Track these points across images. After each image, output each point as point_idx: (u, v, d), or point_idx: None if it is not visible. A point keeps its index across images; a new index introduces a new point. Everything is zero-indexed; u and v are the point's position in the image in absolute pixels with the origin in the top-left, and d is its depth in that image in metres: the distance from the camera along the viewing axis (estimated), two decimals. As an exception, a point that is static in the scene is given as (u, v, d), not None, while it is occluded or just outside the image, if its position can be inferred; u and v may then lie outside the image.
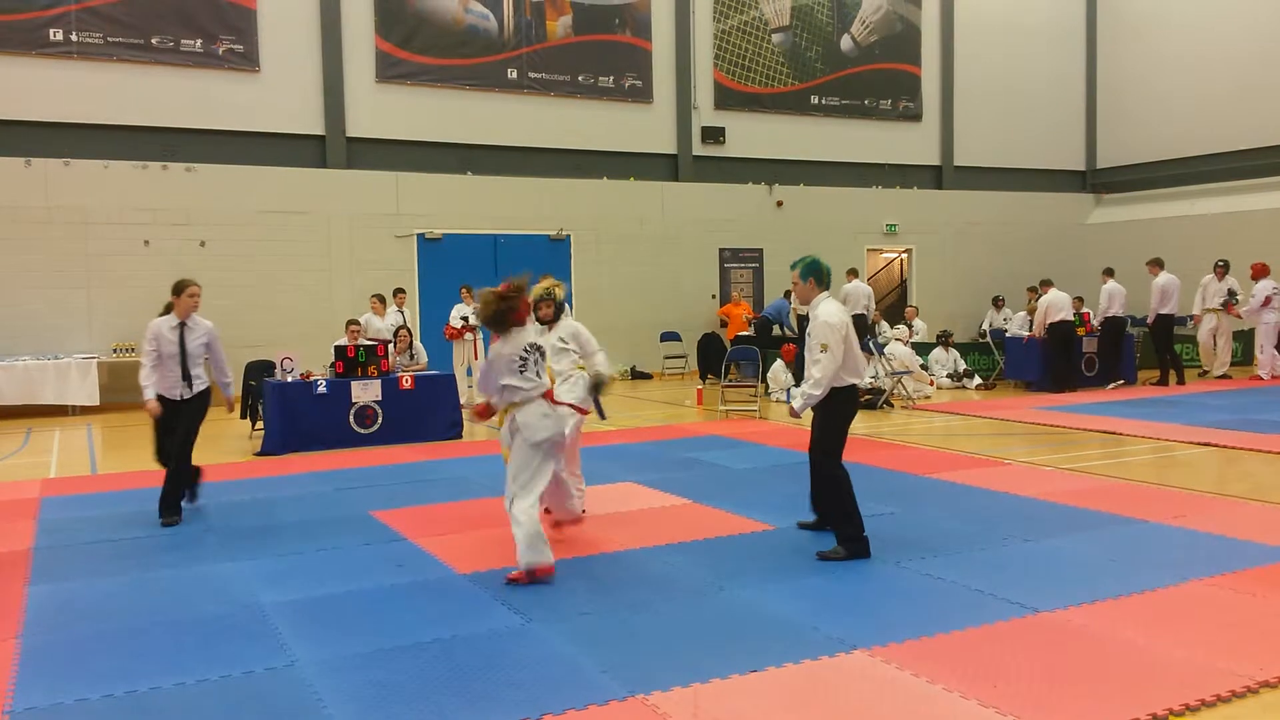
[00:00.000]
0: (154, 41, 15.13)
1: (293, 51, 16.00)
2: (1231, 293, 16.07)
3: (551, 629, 4.77)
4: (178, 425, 7.24)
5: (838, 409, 5.96)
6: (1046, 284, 15.17)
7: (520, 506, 5.55)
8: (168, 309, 7.32)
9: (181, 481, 7.38)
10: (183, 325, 7.24)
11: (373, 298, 13.70)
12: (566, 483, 6.26)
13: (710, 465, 9.24)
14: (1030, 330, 15.76)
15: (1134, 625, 4.67)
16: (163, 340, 7.17)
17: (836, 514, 5.99)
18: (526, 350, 5.68)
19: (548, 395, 5.79)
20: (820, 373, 5.76)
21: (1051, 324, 14.67)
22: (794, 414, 6.05)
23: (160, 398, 7.17)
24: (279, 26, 15.88)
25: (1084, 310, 16.30)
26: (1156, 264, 15.77)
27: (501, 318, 5.61)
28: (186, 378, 7.22)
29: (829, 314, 5.86)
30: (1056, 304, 14.75)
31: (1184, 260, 17.48)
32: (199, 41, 15.39)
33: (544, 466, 5.67)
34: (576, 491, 6.61)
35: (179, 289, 7.26)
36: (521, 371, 5.66)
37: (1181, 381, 15.15)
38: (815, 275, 6.06)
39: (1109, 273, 15.61)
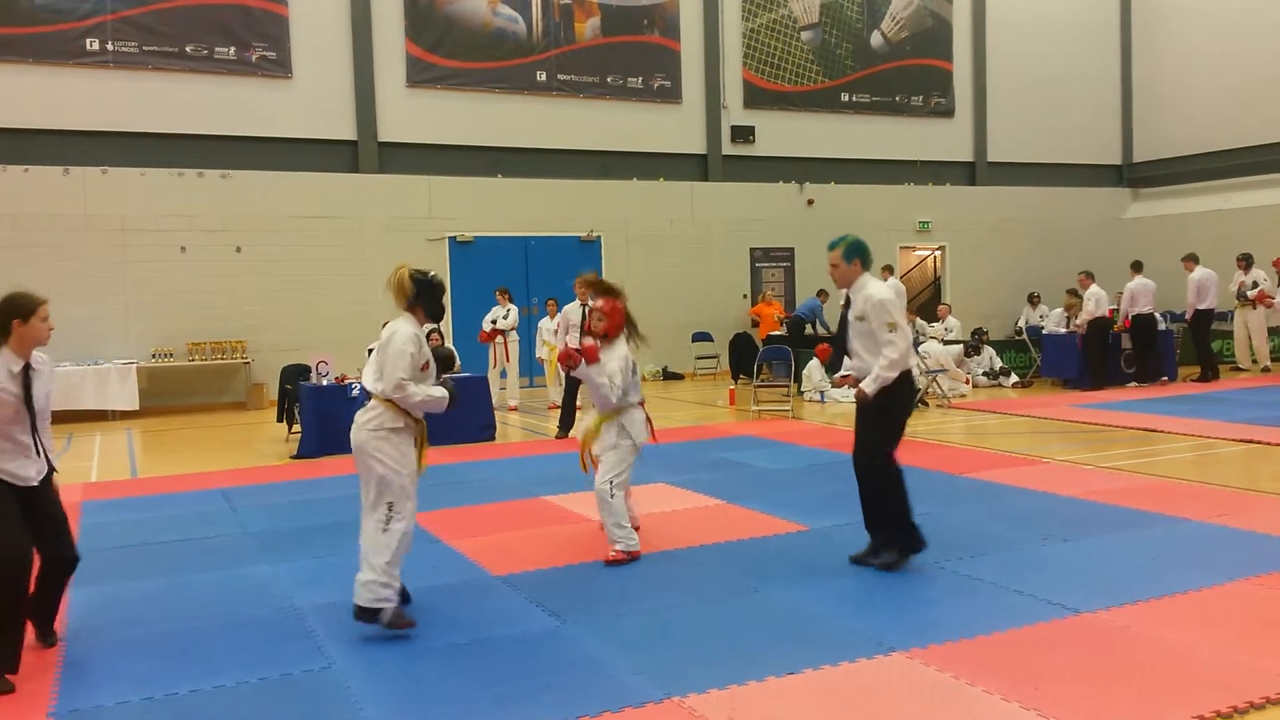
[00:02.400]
0: (188, 50, 15.31)
1: (325, 58, 16.14)
2: (1255, 284, 15.81)
3: (586, 631, 4.76)
4: (41, 518, 4.55)
5: (895, 398, 5.52)
6: (1089, 277, 14.93)
7: (619, 497, 5.96)
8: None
9: (55, 597, 4.77)
10: (27, 368, 4.53)
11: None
12: None
13: (743, 466, 9.20)
14: (1068, 326, 15.57)
15: (1177, 626, 4.59)
16: None
17: (889, 513, 5.58)
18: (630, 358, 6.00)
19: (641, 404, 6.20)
20: (895, 354, 5.35)
21: (1093, 320, 14.47)
22: (865, 398, 5.48)
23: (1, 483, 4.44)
24: (311, 33, 16.02)
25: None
26: (1191, 259, 15.53)
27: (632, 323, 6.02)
28: (37, 447, 4.58)
29: (883, 291, 5.52)
30: (1100, 298, 14.55)
31: (1223, 254, 17.18)
32: (232, 49, 15.56)
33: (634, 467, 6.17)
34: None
35: (25, 310, 4.48)
36: (634, 376, 6.13)
37: (1211, 379, 14.84)
38: (860, 255, 5.66)
39: (1137, 267, 15.33)
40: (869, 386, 5.43)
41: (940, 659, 4.25)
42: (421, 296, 5.38)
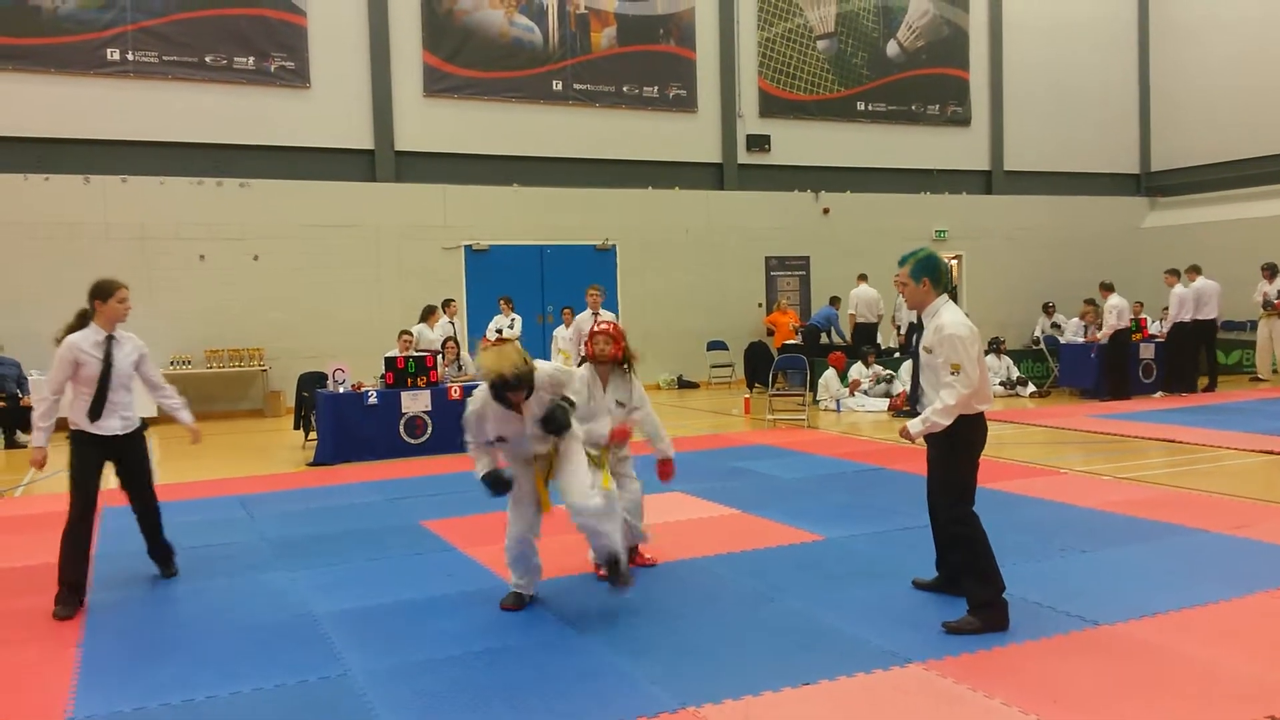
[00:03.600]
0: (208, 60, 15.44)
1: (342, 67, 16.24)
2: None
3: (601, 640, 4.76)
4: (122, 471, 5.84)
5: (965, 440, 4.81)
6: (1108, 288, 14.85)
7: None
8: (84, 320, 5.78)
9: (156, 537, 6.10)
10: (110, 339, 5.74)
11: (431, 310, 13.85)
12: None
13: (759, 475, 9.18)
14: (1087, 336, 15.47)
15: (1197, 639, 4.55)
16: (83, 359, 5.63)
17: (969, 574, 4.86)
18: None
19: None
20: (953, 399, 4.66)
21: (1115, 332, 14.37)
22: (908, 437, 4.92)
23: (82, 435, 5.64)
24: (329, 43, 16.13)
25: (1142, 316, 16.01)
26: (1194, 270, 15.38)
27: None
28: (101, 408, 5.65)
29: (958, 325, 4.75)
30: (1122, 309, 14.45)
31: (1242, 264, 17.09)
32: (251, 59, 15.68)
33: None
34: None
35: (106, 292, 5.71)
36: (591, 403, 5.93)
37: (1185, 391, 14.70)
38: (931, 274, 4.89)
39: (1174, 274, 15.14)
40: (914, 427, 4.85)
41: (957, 670, 4.23)
42: None
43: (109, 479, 5.88)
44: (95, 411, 5.59)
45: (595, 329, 5.97)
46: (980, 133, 21.35)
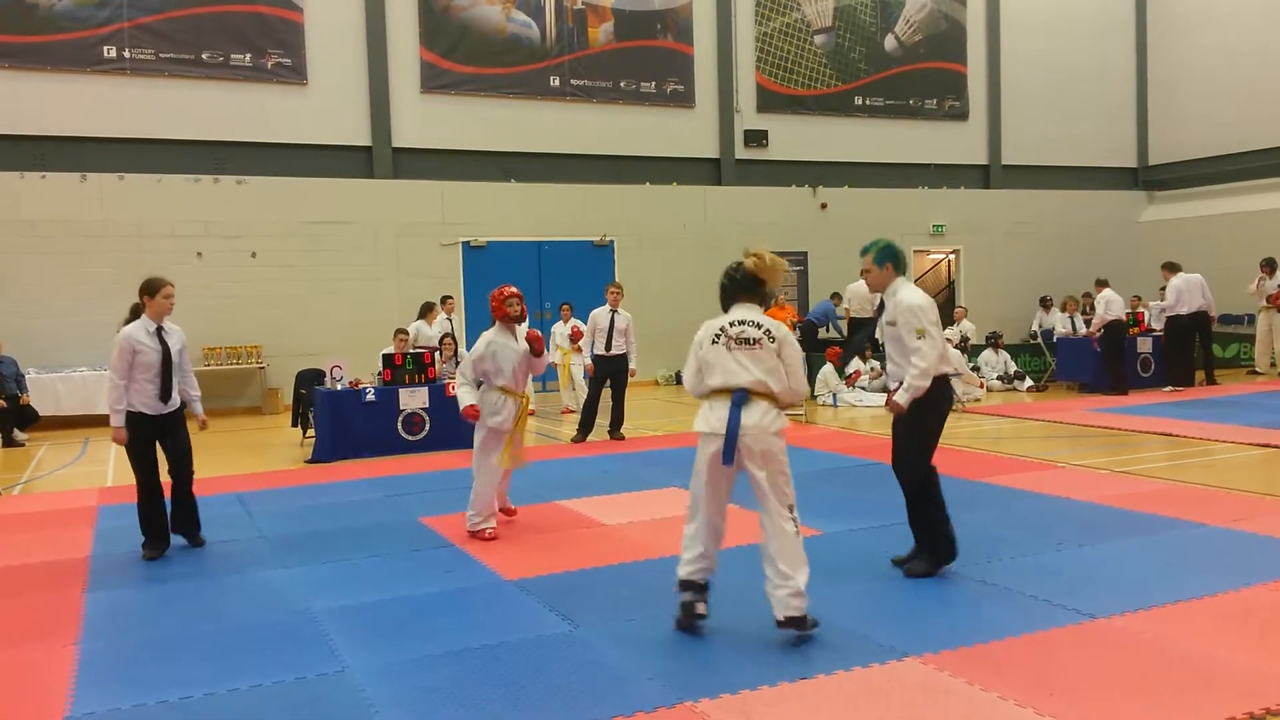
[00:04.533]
0: (204, 57, 15.42)
1: (339, 64, 16.22)
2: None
3: (598, 635, 4.76)
4: (167, 443, 6.69)
5: (934, 399, 5.37)
6: (1102, 283, 14.85)
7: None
8: (136, 313, 6.66)
9: (188, 504, 6.84)
10: (160, 330, 6.62)
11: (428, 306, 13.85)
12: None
13: (757, 470, 9.16)
14: (1076, 329, 15.47)
15: (1193, 632, 4.56)
16: (140, 348, 6.50)
17: (926, 522, 5.57)
18: None
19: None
20: (925, 362, 5.20)
21: (1108, 324, 14.36)
22: (899, 409, 5.35)
23: (137, 416, 6.53)
24: (326, 40, 16.11)
25: (1139, 310, 16.02)
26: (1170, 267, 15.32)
27: None
28: (170, 389, 6.61)
29: (915, 296, 5.35)
30: (1114, 303, 14.43)
31: (1239, 258, 17.10)
32: (248, 56, 15.66)
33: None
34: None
35: (154, 289, 6.59)
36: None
37: (1179, 386, 14.65)
38: (892, 260, 5.51)
39: (1170, 268, 15.08)
40: (901, 397, 5.30)
41: (954, 664, 4.24)
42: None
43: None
44: (165, 394, 6.56)
45: (511, 293, 6.98)
46: (978, 127, 21.34)
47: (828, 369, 14.33)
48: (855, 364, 14.60)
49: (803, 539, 4.65)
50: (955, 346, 15.12)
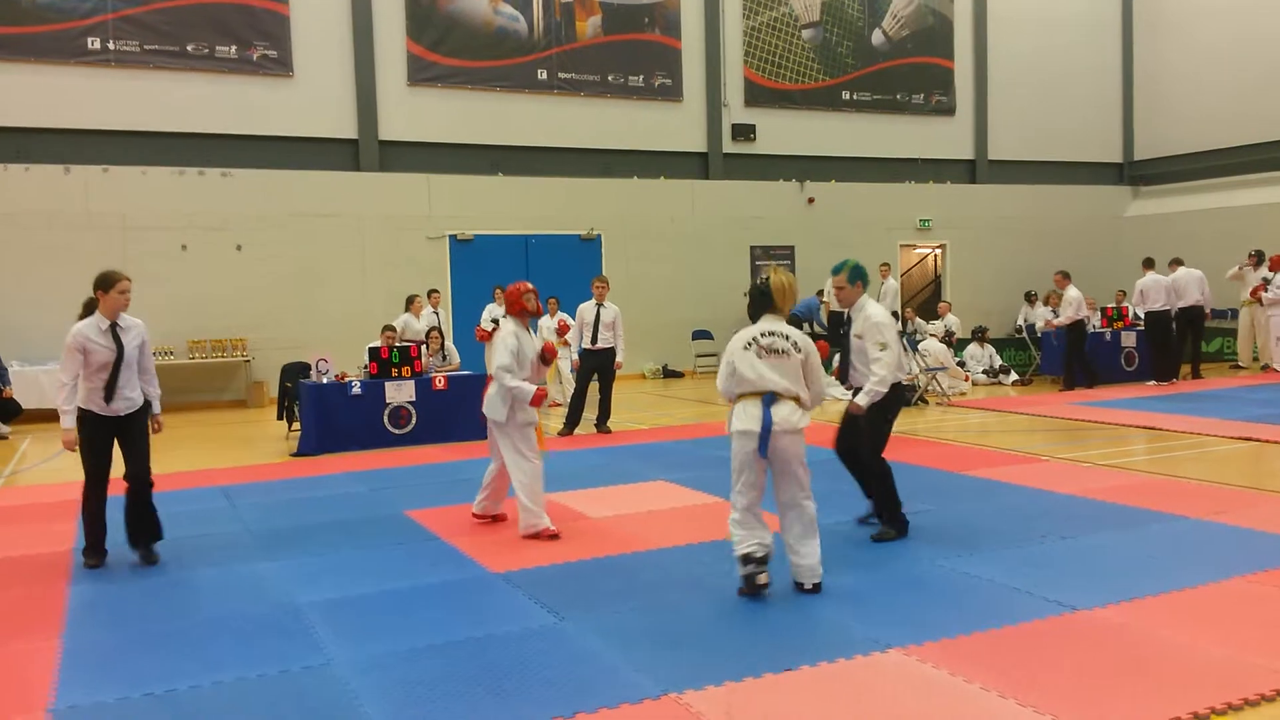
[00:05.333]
0: (190, 49, 15.33)
1: (325, 56, 16.15)
2: (1266, 280, 15.78)
3: (584, 627, 4.77)
4: (125, 446, 6.17)
5: (890, 402, 6.22)
6: (1065, 277, 14.67)
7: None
8: (90, 309, 6.18)
9: (146, 515, 6.27)
10: (114, 326, 6.13)
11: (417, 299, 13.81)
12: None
13: (743, 463, 9.19)
14: (1046, 322, 15.44)
15: (1174, 623, 4.60)
16: (91, 346, 6.02)
17: (887, 505, 6.38)
18: None
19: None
20: (885, 370, 5.99)
21: (1074, 321, 14.25)
22: (859, 410, 6.14)
23: (90, 415, 6.05)
24: (312, 32, 16.03)
25: (1124, 304, 16.10)
26: (1153, 262, 15.36)
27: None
28: (113, 391, 6.07)
29: (880, 314, 6.16)
30: (1080, 301, 14.32)
31: (1224, 253, 17.19)
32: (234, 48, 15.58)
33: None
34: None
35: (108, 283, 6.13)
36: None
37: (1163, 380, 14.69)
38: (862, 279, 6.26)
39: (1148, 264, 15.19)
40: (863, 400, 6.07)
41: (937, 656, 4.27)
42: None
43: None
44: (109, 395, 6.04)
45: (528, 289, 6.82)
46: (964, 122, 21.40)
47: (814, 363, 14.34)
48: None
49: None
50: (940, 341, 15.17)
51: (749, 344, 5.25)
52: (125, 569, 6.16)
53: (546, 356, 6.86)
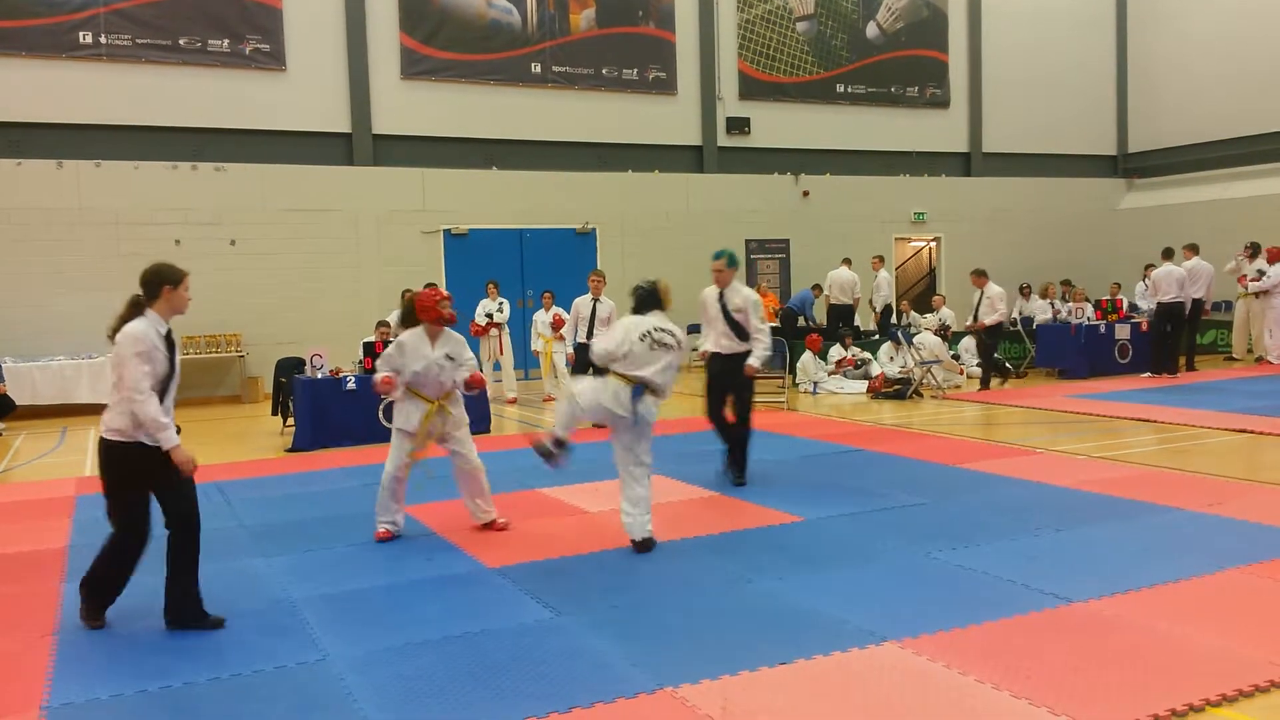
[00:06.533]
0: (182, 42, 15.26)
1: (319, 50, 16.09)
2: (1260, 272, 15.80)
3: (579, 622, 4.77)
4: (167, 479, 4.85)
5: (750, 377, 7.78)
6: (981, 275, 14.16)
7: None
8: (136, 308, 4.90)
9: (190, 588, 5.01)
10: (170, 333, 4.94)
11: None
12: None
13: (738, 457, 9.20)
14: (1057, 316, 15.46)
15: (1169, 615, 4.61)
16: (156, 355, 4.78)
17: (744, 459, 7.88)
18: None
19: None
20: (768, 338, 7.68)
21: (993, 324, 13.83)
22: (754, 372, 7.62)
23: (137, 447, 4.72)
24: (305, 25, 15.97)
25: (1118, 297, 16.12)
26: (1191, 248, 15.42)
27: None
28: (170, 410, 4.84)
29: (753, 293, 7.78)
30: (996, 299, 13.78)
31: (1219, 245, 17.20)
32: (226, 42, 15.51)
33: None
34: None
35: (175, 278, 4.92)
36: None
37: (1165, 372, 14.57)
38: (737, 265, 7.90)
39: (1168, 254, 14.94)
40: (756, 362, 7.59)
41: (932, 649, 4.27)
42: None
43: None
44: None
45: (444, 295, 6.71)
46: (959, 115, 21.39)
47: (807, 356, 14.36)
48: (837, 351, 14.64)
49: None
50: (935, 334, 15.18)
51: (645, 335, 5.96)
52: (119, 565, 6.14)
53: (472, 385, 6.63)
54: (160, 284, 4.88)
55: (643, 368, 5.92)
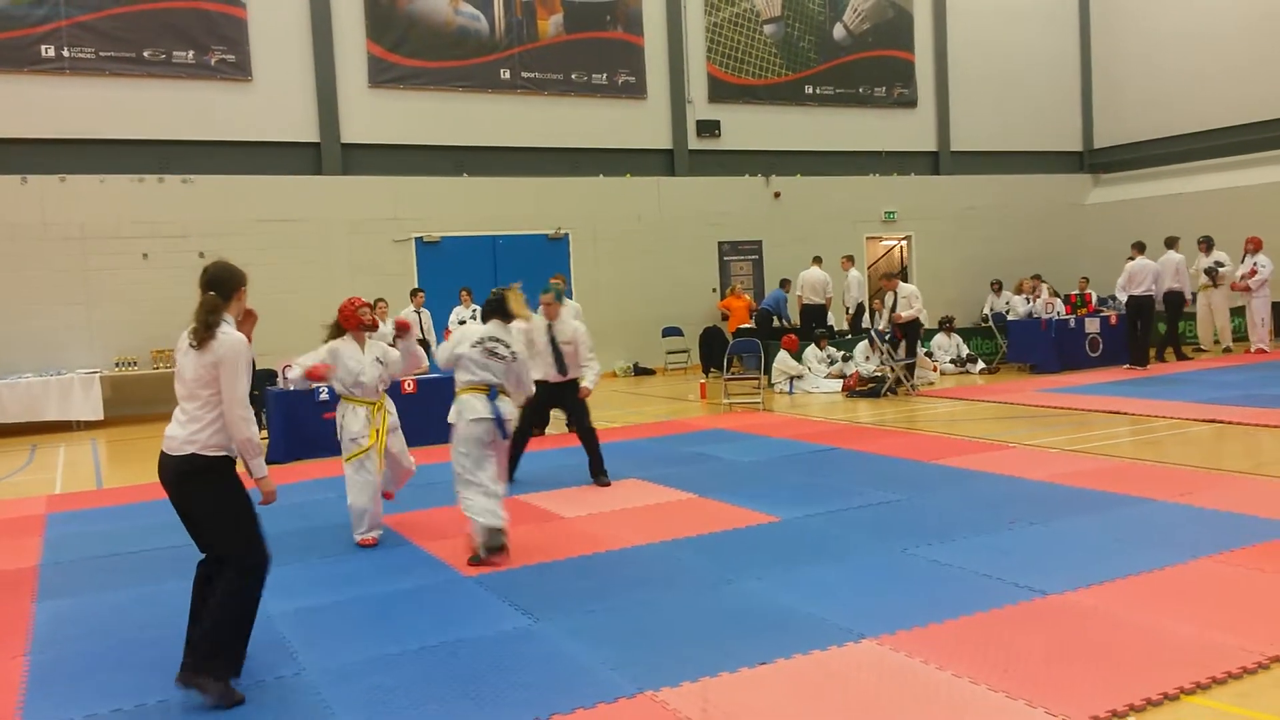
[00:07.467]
0: (146, 54, 15.12)
1: (285, 59, 15.99)
2: (1218, 264, 16.01)
3: (559, 628, 4.76)
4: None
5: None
6: (891, 279, 14.23)
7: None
8: (218, 310, 4.46)
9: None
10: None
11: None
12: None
13: (715, 459, 9.23)
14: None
15: (1143, 605, 4.65)
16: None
17: (600, 457, 8.30)
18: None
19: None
20: (598, 365, 8.42)
21: (910, 321, 13.85)
22: (588, 394, 8.22)
23: (229, 460, 4.56)
24: (270, 35, 15.86)
25: (1087, 291, 16.27)
26: (1144, 246, 15.47)
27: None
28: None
29: (582, 326, 8.34)
30: (912, 296, 13.88)
31: (1183, 238, 17.37)
32: (191, 53, 15.38)
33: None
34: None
35: (241, 278, 4.58)
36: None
37: (1137, 365, 14.68)
38: (562, 299, 8.31)
39: (1139, 247, 14.95)
40: (590, 383, 8.20)
41: (910, 644, 4.29)
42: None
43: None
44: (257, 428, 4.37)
45: (362, 303, 6.88)
46: (927, 114, 21.55)
47: (783, 355, 14.40)
48: (812, 352, 14.69)
49: None
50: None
51: (478, 342, 6.25)
52: (91, 584, 6.07)
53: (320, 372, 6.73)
54: (236, 285, 4.50)
55: (478, 373, 6.21)
